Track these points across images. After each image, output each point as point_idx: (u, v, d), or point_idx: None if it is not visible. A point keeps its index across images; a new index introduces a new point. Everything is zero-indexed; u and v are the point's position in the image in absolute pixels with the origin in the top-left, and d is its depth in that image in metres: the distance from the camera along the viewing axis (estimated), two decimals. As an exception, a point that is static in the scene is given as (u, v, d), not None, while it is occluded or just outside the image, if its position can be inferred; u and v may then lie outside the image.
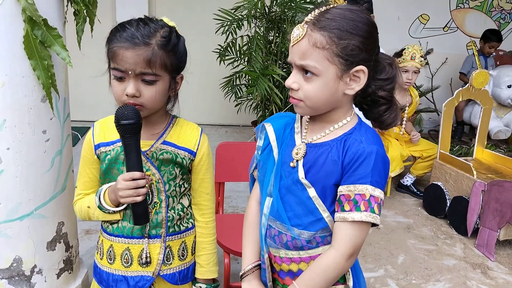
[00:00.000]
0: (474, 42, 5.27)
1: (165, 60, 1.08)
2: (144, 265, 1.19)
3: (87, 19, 1.55)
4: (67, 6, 1.55)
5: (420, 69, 3.26)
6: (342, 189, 0.98)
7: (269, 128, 1.11)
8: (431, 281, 2.33)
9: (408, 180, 3.50)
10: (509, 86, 4.44)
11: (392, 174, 3.24)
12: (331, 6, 0.97)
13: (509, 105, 4.57)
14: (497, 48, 5.51)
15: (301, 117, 1.12)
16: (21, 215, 1.48)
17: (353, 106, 1.08)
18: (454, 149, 4.19)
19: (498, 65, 5.10)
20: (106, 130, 1.19)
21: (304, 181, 1.01)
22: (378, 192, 0.96)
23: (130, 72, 1.05)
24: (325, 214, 1.01)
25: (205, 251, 1.27)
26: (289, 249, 1.05)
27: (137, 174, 1.08)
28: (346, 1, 2.45)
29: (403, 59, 3.18)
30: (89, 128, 1.22)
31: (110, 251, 1.21)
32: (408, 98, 3.38)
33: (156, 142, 1.17)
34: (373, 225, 0.98)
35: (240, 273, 1.13)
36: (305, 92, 0.98)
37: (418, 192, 3.45)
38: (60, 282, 1.65)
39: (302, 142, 1.06)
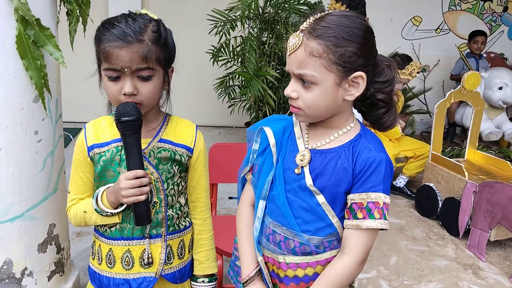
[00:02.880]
0: (463, 45, 5.33)
1: (159, 55, 1.07)
2: (147, 266, 1.18)
3: (80, 19, 1.54)
4: (60, 6, 1.53)
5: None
6: (354, 197, 0.99)
7: (269, 132, 1.09)
8: (423, 282, 2.34)
9: (400, 182, 3.52)
10: (500, 88, 4.49)
11: None
12: (326, 12, 0.96)
13: (500, 106, 4.62)
14: (488, 51, 5.57)
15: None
16: (12, 216, 1.46)
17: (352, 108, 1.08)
18: (446, 151, 4.22)
19: (490, 67, 5.16)
20: (99, 131, 1.17)
21: (313, 188, 1.00)
22: (388, 199, 0.98)
23: (126, 70, 1.04)
24: (334, 220, 1.01)
25: (204, 248, 1.28)
26: (297, 254, 1.04)
27: (140, 172, 1.07)
28: (344, 5, 2.48)
29: (403, 72, 3.24)
30: (80, 129, 1.20)
31: (110, 255, 1.18)
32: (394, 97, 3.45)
33: (153, 140, 1.16)
34: (381, 229, 1.00)
35: (243, 280, 1.10)
36: (304, 100, 0.97)
37: (411, 194, 3.47)
38: (51, 284, 1.64)
39: (305, 148, 1.05)
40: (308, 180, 1.00)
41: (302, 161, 1.03)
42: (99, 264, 1.21)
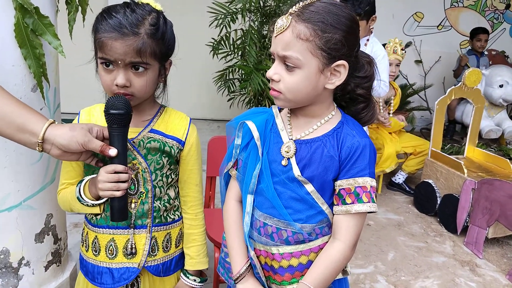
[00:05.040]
0: (464, 42, 5.30)
1: (154, 49, 1.06)
2: (130, 256, 1.17)
3: (79, 8, 1.52)
4: (59, -6, 1.52)
5: (401, 61, 3.36)
6: (342, 183, 1.01)
7: (252, 125, 1.09)
8: (420, 278, 2.34)
9: (400, 178, 3.52)
10: (501, 86, 4.48)
11: (387, 170, 3.27)
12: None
13: (501, 104, 4.61)
14: (489, 48, 5.55)
15: (280, 110, 1.12)
16: (9, 206, 1.45)
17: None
18: (446, 148, 4.22)
19: (490, 65, 5.14)
20: (92, 118, 1.18)
21: (301, 178, 1.01)
22: (374, 182, 1.01)
23: (119, 62, 1.03)
24: (324, 207, 1.03)
25: (195, 243, 1.26)
26: (290, 244, 1.05)
27: (120, 167, 1.05)
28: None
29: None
30: (77, 118, 1.20)
31: (95, 243, 1.19)
32: (391, 91, 3.43)
33: (143, 130, 1.15)
34: (369, 212, 1.02)
35: (234, 277, 1.10)
36: (286, 84, 0.98)
37: (410, 190, 3.47)
38: (48, 274, 1.63)
39: (290, 139, 1.06)
40: (296, 171, 1.02)
41: (288, 152, 1.04)
42: (86, 251, 1.22)
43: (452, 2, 5.79)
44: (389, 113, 3.45)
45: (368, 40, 2.76)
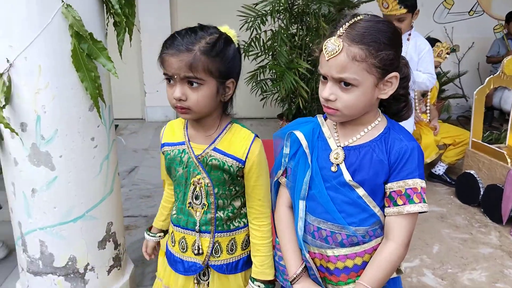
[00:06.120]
0: (498, 26, 5.16)
1: (208, 65, 1.12)
2: (196, 254, 1.29)
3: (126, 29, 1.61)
4: (107, 18, 1.62)
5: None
6: (393, 186, 1.06)
7: (300, 135, 1.15)
8: (467, 270, 2.34)
9: (440, 169, 3.48)
10: (539, 69, 4.34)
11: (428, 160, 3.26)
12: (359, 18, 1.01)
13: (540, 88, 4.46)
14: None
15: (325, 118, 1.17)
16: (74, 217, 1.58)
17: None
18: (485, 135, 4.12)
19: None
20: (171, 131, 1.30)
21: (353, 183, 1.07)
22: (424, 183, 1.06)
23: (175, 76, 1.12)
24: (376, 209, 1.08)
25: (259, 253, 1.29)
26: (345, 246, 1.10)
27: None
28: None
29: None
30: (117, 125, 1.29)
31: (173, 236, 1.34)
32: None
33: (207, 148, 1.23)
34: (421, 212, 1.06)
35: (290, 279, 1.17)
36: (343, 102, 1.02)
37: (451, 181, 3.43)
38: (110, 278, 1.75)
39: (338, 146, 1.11)
40: (347, 176, 1.07)
41: (336, 159, 1.09)
42: (167, 240, 1.39)
43: (483, -14, 5.62)
44: (426, 105, 3.42)
45: (410, 34, 2.75)
